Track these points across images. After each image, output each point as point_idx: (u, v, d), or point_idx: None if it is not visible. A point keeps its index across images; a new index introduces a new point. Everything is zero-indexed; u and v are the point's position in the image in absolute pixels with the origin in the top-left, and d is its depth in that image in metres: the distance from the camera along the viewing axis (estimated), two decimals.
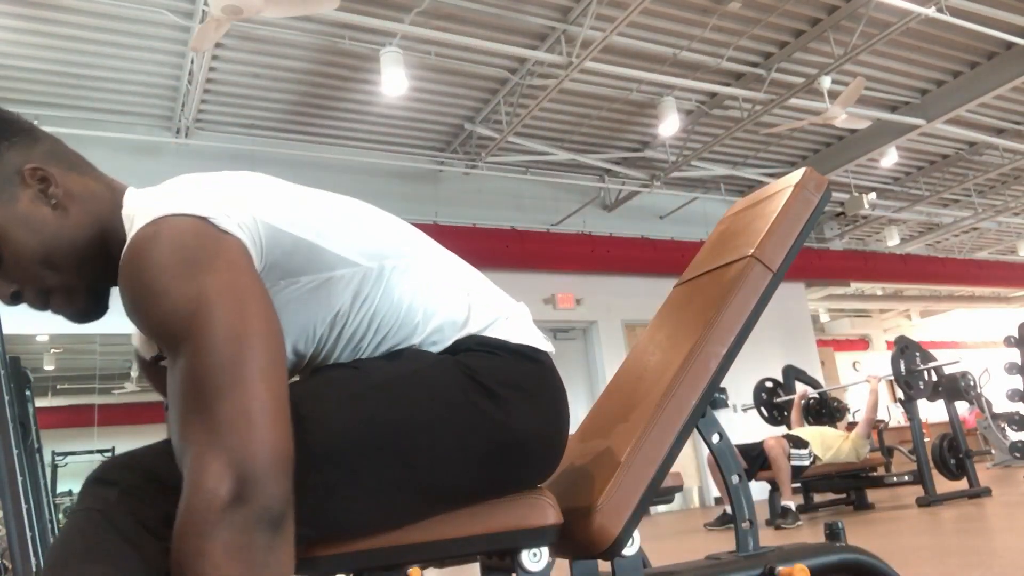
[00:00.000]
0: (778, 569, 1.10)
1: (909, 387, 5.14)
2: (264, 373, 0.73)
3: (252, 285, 0.78)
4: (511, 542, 0.95)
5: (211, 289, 0.74)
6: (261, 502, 0.69)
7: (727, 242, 1.40)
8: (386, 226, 0.98)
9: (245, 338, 0.73)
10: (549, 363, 1.02)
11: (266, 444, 0.70)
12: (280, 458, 0.71)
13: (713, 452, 1.21)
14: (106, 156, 6.81)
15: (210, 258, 0.76)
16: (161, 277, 0.74)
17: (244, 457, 0.69)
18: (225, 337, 0.73)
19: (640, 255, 8.93)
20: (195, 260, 0.76)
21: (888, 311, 16.09)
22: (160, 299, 0.74)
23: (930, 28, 6.78)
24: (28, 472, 2.42)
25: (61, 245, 0.89)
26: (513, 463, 0.94)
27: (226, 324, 0.73)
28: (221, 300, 0.74)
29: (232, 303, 0.75)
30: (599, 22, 5.95)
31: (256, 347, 0.74)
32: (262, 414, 0.71)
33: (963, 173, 10.28)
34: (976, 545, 2.85)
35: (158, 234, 0.77)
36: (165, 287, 0.74)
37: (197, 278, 0.75)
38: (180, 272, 0.75)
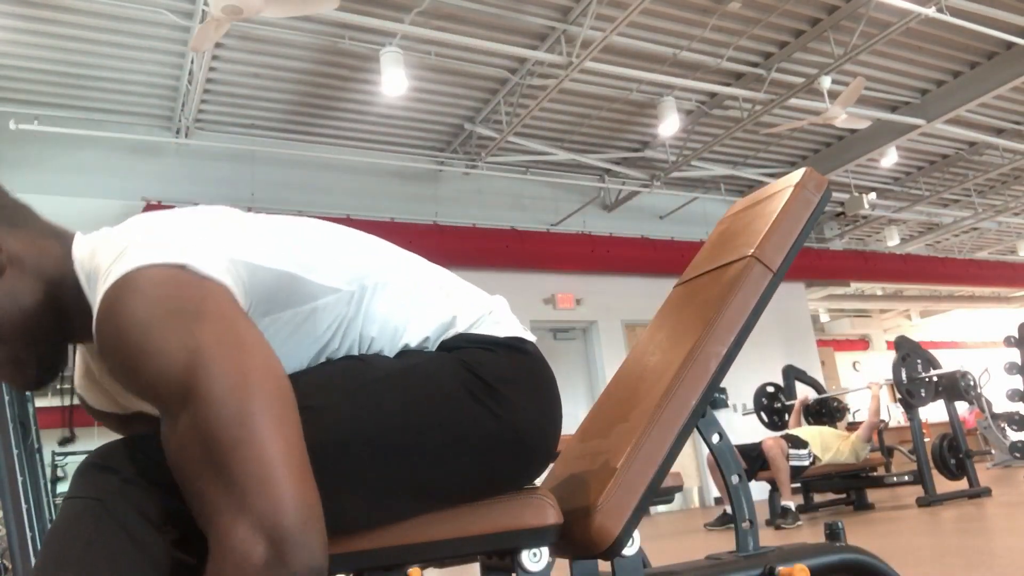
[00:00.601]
0: (778, 569, 1.10)
1: (911, 395, 5.13)
2: (277, 422, 0.69)
3: (247, 331, 0.73)
4: (511, 542, 0.95)
5: (205, 341, 0.69)
6: (301, 561, 0.65)
7: (727, 242, 1.40)
8: (362, 247, 0.97)
9: (250, 388, 0.69)
10: (537, 353, 1.02)
11: (294, 499, 0.66)
12: (310, 511, 0.67)
13: (713, 452, 1.21)
14: (106, 156, 6.82)
15: (197, 308, 0.71)
16: (148, 336, 0.69)
17: (273, 517, 0.64)
18: (229, 390, 0.68)
19: (640, 255, 8.93)
20: (181, 312, 0.70)
21: (888, 311, 16.09)
22: (151, 359, 0.69)
23: (930, 28, 6.78)
24: (28, 472, 2.42)
25: (6, 314, 0.82)
26: (512, 456, 0.94)
27: (228, 376, 0.68)
28: (218, 351, 0.69)
29: (230, 353, 0.70)
30: (599, 22, 5.95)
31: (264, 397, 0.69)
32: (284, 467, 0.67)
33: (963, 173, 10.28)
34: (976, 545, 2.85)
35: (135, 289, 0.71)
36: (155, 346, 0.69)
37: (187, 331, 0.69)
38: (168, 327, 0.69)
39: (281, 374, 0.73)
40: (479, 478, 0.93)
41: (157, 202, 6.70)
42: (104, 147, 6.79)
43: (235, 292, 0.77)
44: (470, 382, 0.91)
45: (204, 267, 0.74)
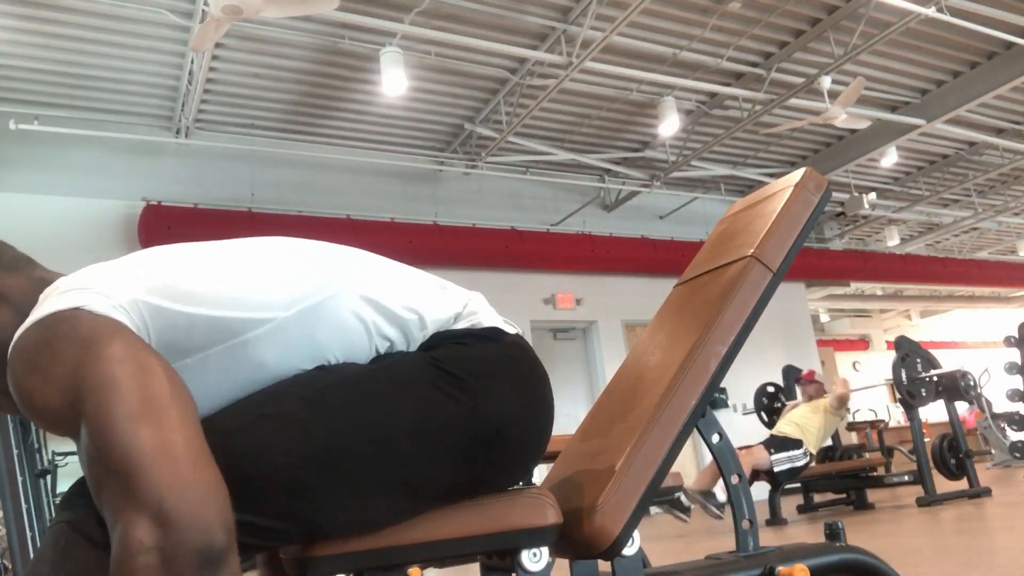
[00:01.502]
0: (778, 569, 1.10)
1: (911, 395, 5.13)
2: (155, 418, 0.72)
3: (131, 345, 0.78)
4: (511, 542, 0.95)
5: (83, 363, 0.75)
6: (191, 539, 0.66)
7: (727, 242, 1.40)
8: (305, 265, 0.94)
9: (133, 392, 0.73)
10: (519, 342, 1.01)
11: (179, 481, 0.68)
12: (204, 490, 0.69)
13: (713, 452, 1.21)
14: (106, 156, 6.82)
15: (84, 341, 0.77)
16: (33, 375, 0.76)
17: (158, 502, 0.67)
18: (107, 401, 0.72)
19: (640, 255, 8.93)
20: (66, 345, 0.77)
21: (888, 311, 16.10)
22: (40, 395, 0.76)
23: (930, 28, 6.78)
24: (28, 472, 2.42)
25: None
26: (493, 449, 0.93)
27: (105, 389, 0.73)
28: (95, 369, 0.74)
29: (105, 368, 0.74)
30: (599, 22, 5.95)
31: (148, 405, 0.73)
32: (164, 455, 0.70)
33: (963, 173, 10.28)
34: (976, 545, 2.85)
35: (24, 338, 0.79)
36: (41, 379, 0.76)
37: (71, 360, 0.75)
38: (51, 362, 0.76)
39: (169, 374, 0.78)
40: (462, 473, 0.92)
41: (157, 202, 6.70)
42: (104, 147, 6.79)
43: (127, 326, 0.81)
44: (437, 377, 0.90)
45: (98, 307, 0.80)
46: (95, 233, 6.59)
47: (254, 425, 0.83)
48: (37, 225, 6.41)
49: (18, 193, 6.44)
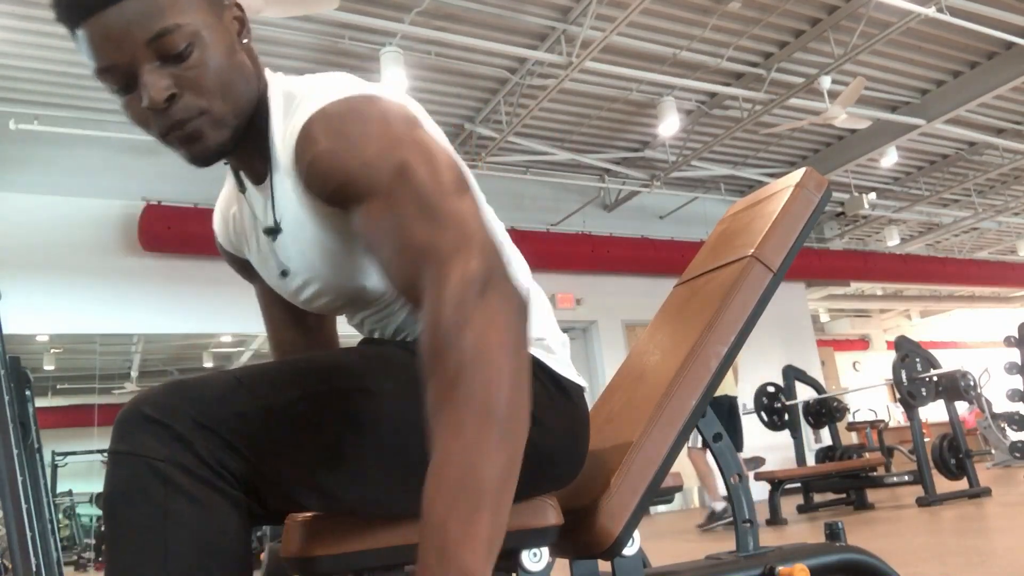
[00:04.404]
0: (778, 569, 1.10)
1: (911, 395, 5.13)
2: (474, 198, 0.79)
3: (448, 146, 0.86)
4: (511, 542, 0.95)
5: (422, 139, 0.81)
6: (511, 286, 0.71)
7: (727, 242, 1.40)
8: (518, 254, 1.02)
9: (453, 177, 0.79)
10: (582, 400, 1.03)
11: (496, 242, 0.74)
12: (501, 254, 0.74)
13: (713, 452, 1.22)
14: (106, 156, 6.82)
15: (416, 122, 0.84)
16: (373, 125, 0.80)
17: (490, 248, 0.72)
18: (447, 161, 0.80)
19: (640, 255, 8.93)
20: (404, 119, 0.83)
21: (888, 311, 16.09)
22: (374, 141, 0.79)
23: (930, 28, 6.78)
24: (28, 472, 2.42)
25: (240, 81, 0.87)
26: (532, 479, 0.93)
27: (437, 166, 0.78)
28: (429, 150, 0.80)
29: (439, 153, 0.81)
30: (599, 22, 5.95)
31: (463, 182, 0.79)
32: (485, 223, 0.75)
33: (963, 173, 10.28)
34: (976, 545, 2.85)
35: (372, 96, 0.84)
36: (379, 132, 0.80)
37: (409, 130, 0.81)
38: (392, 123, 0.81)
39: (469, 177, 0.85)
40: None
41: (157, 202, 6.70)
42: (104, 147, 6.79)
43: None
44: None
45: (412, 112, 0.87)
46: (95, 233, 6.59)
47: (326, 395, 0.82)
48: (37, 225, 6.41)
49: (18, 193, 6.44)
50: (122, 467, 0.74)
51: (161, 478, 0.72)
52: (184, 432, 0.74)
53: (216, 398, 0.76)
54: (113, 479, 0.74)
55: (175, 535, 0.71)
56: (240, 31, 0.90)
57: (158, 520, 0.71)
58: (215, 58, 0.83)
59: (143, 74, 0.80)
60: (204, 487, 0.73)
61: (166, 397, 0.76)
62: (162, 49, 0.79)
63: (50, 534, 2.70)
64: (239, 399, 0.77)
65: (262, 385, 0.79)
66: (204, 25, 0.82)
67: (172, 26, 0.79)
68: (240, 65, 0.88)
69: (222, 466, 0.74)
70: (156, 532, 0.71)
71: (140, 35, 0.78)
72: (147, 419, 0.75)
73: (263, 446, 0.77)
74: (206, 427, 0.75)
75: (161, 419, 0.74)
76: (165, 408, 0.75)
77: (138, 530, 0.71)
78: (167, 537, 0.71)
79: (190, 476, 0.73)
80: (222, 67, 0.84)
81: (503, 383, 0.65)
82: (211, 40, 0.83)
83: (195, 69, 0.82)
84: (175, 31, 0.79)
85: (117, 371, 11.57)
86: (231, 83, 0.86)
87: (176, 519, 0.71)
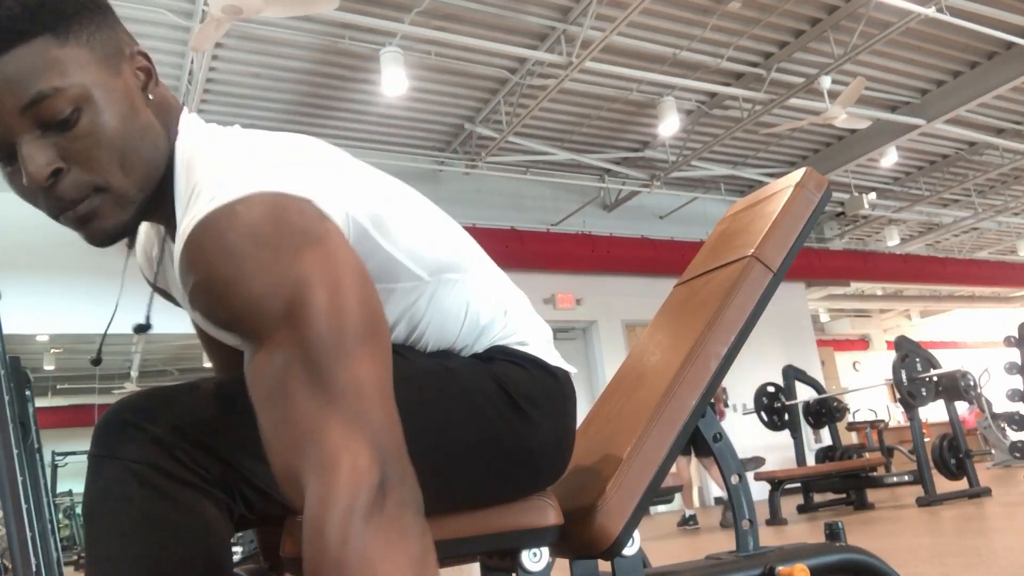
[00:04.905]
0: (778, 569, 1.10)
1: (911, 395, 5.13)
2: (381, 355, 0.66)
3: (362, 270, 0.69)
4: (511, 542, 0.95)
5: (321, 266, 0.65)
6: (410, 483, 0.61)
7: (727, 242, 1.40)
8: (448, 235, 0.93)
9: (363, 317, 0.65)
10: (570, 383, 1.01)
11: (397, 424, 0.63)
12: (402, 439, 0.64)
13: (713, 452, 1.21)
14: None
15: (317, 239, 0.67)
16: (262, 253, 0.64)
17: (388, 434, 0.61)
18: (341, 314, 0.64)
19: (640, 255, 8.93)
20: (302, 238, 0.66)
21: (888, 311, 16.09)
22: (259, 275, 0.64)
23: (930, 28, 6.78)
24: (28, 472, 2.42)
25: (143, 148, 0.74)
26: (523, 473, 0.94)
27: (341, 302, 0.65)
28: (332, 278, 0.65)
29: (345, 283, 0.66)
30: (599, 22, 5.95)
31: (372, 330, 0.66)
32: (386, 393, 0.64)
33: (963, 173, 10.28)
34: (976, 545, 2.85)
35: (252, 208, 0.66)
36: (267, 262, 0.64)
37: (306, 256, 0.65)
38: (285, 248, 0.65)
39: (383, 317, 0.70)
40: (487, 488, 0.92)
41: None
42: None
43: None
44: (497, 396, 0.90)
45: (328, 208, 0.70)
46: None
47: None
48: (37, 225, 6.39)
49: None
50: (101, 471, 0.73)
51: (138, 480, 0.72)
52: (162, 435, 0.74)
53: (194, 402, 0.76)
54: (92, 483, 0.73)
55: (153, 535, 0.70)
56: (146, 84, 0.77)
57: (136, 521, 0.71)
58: (109, 124, 0.71)
59: (21, 146, 0.69)
60: (182, 488, 0.73)
61: (144, 402, 0.76)
62: (42, 116, 0.68)
63: (50, 534, 2.70)
64: (217, 403, 0.77)
65: (240, 390, 0.77)
66: (95, 84, 0.71)
67: (50, 90, 0.68)
68: (144, 128, 0.75)
69: (201, 467, 0.74)
70: (134, 532, 0.71)
71: (12, 102, 0.67)
72: (125, 423, 0.74)
73: (241, 449, 0.76)
74: (184, 430, 0.74)
75: (139, 423, 0.74)
76: (143, 412, 0.75)
77: (116, 531, 0.71)
78: (144, 537, 0.70)
79: (168, 477, 0.72)
80: (118, 134, 0.72)
81: None
82: (104, 102, 0.71)
83: (84, 139, 0.70)
84: (55, 95, 0.68)
85: (117, 371, 11.58)
86: (131, 151, 0.73)
87: (154, 520, 0.71)
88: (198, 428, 0.75)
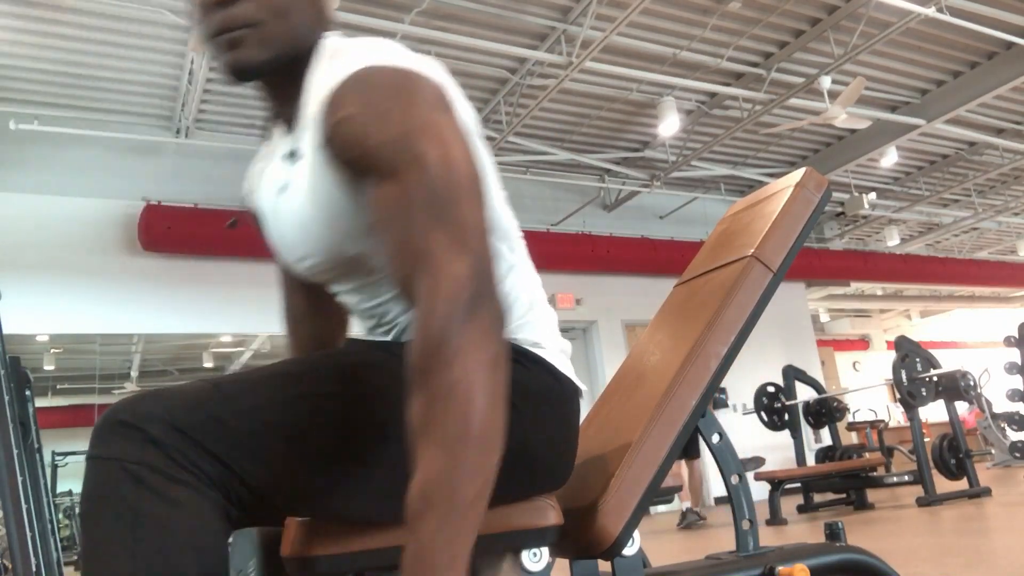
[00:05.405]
0: (778, 569, 1.10)
1: (911, 395, 5.12)
2: (484, 205, 0.78)
3: (475, 141, 0.84)
4: (511, 542, 0.95)
5: (448, 128, 0.79)
6: (496, 303, 0.73)
7: (727, 242, 1.40)
8: (506, 207, 1.00)
9: (473, 176, 0.78)
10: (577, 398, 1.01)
11: (492, 257, 0.75)
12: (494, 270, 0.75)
13: (713, 452, 1.21)
14: (106, 156, 6.82)
15: (445, 108, 0.82)
16: (405, 102, 0.79)
17: (486, 260, 0.73)
18: (462, 162, 0.77)
19: (640, 255, 8.93)
20: (436, 103, 0.81)
21: (888, 311, 16.09)
22: (400, 118, 0.77)
23: (930, 28, 6.78)
24: (28, 472, 2.42)
25: (301, 13, 0.89)
26: (524, 477, 0.93)
27: (459, 159, 0.77)
28: (455, 139, 0.79)
29: (464, 145, 0.79)
30: (599, 22, 5.95)
31: (479, 185, 0.78)
32: (487, 233, 0.76)
33: (963, 173, 10.28)
34: (976, 545, 2.85)
35: (412, 72, 0.81)
36: (408, 111, 0.78)
37: (438, 117, 0.79)
38: (422, 105, 0.79)
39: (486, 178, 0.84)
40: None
41: (157, 202, 6.70)
42: (104, 147, 6.79)
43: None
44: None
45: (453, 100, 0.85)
46: (95, 233, 6.59)
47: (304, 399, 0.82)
48: (37, 225, 6.41)
49: (18, 193, 6.44)
50: (96, 471, 0.74)
51: (134, 480, 0.72)
52: (158, 436, 0.74)
53: (191, 403, 0.77)
54: (88, 483, 0.74)
55: (147, 535, 0.71)
56: None
57: (130, 520, 0.71)
58: None
59: None
60: (178, 487, 0.73)
61: (141, 403, 0.77)
62: None
63: (50, 534, 2.70)
64: (214, 404, 0.78)
65: (237, 391, 0.80)
66: None
67: None
68: (310, 3, 0.91)
69: (197, 468, 0.74)
70: (128, 532, 0.71)
71: None
72: (122, 424, 0.75)
73: (237, 450, 0.77)
74: (180, 430, 0.75)
75: (135, 423, 0.75)
76: (139, 413, 0.76)
77: (111, 531, 0.72)
78: (139, 537, 0.71)
79: (163, 477, 0.73)
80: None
81: (484, 405, 0.69)
82: None
83: None
84: None
85: (117, 371, 11.57)
86: (292, 10, 0.88)
87: (148, 519, 0.71)
88: (195, 429, 0.75)
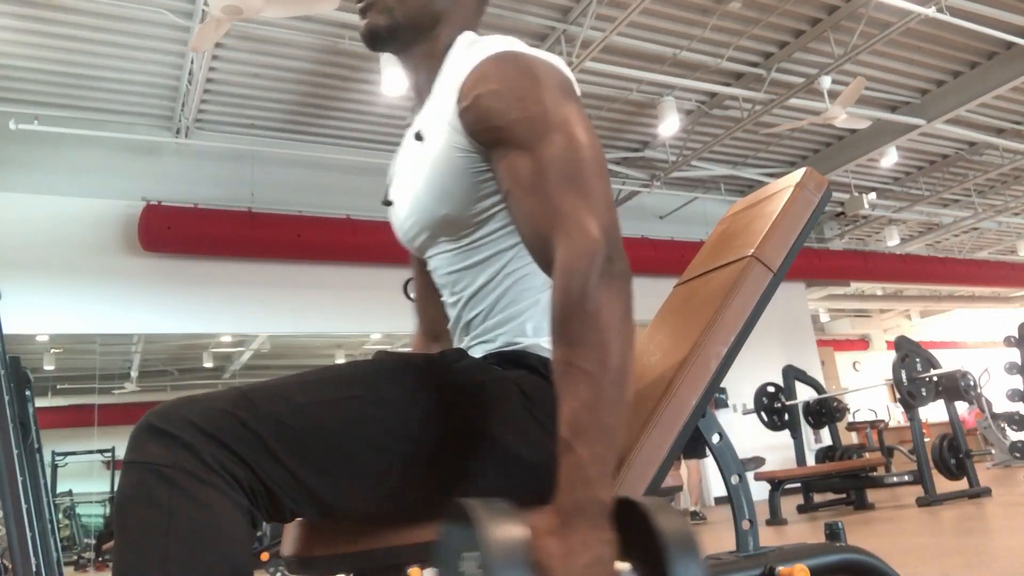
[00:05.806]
0: (778, 569, 1.10)
1: (911, 395, 5.13)
2: (608, 181, 0.86)
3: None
4: None
5: (578, 113, 0.88)
6: (625, 263, 0.81)
7: (727, 242, 1.40)
8: None
9: (599, 158, 0.86)
10: None
11: (619, 225, 0.83)
12: (620, 235, 0.83)
13: (713, 452, 1.21)
14: (106, 156, 6.82)
15: (575, 97, 0.91)
16: (544, 83, 0.88)
17: (615, 228, 0.81)
18: (591, 140, 0.86)
19: (640, 255, 8.91)
20: (568, 90, 0.91)
21: (888, 311, 16.09)
22: (540, 96, 0.87)
23: (930, 28, 6.78)
24: (28, 472, 2.42)
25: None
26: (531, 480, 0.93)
27: (587, 142, 0.86)
28: (585, 124, 0.88)
29: (591, 131, 0.88)
30: (599, 22, 5.95)
31: (604, 165, 0.87)
32: (614, 206, 0.84)
33: (963, 173, 10.28)
34: (976, 545, 2.85)
35: (546, 62, 0.92)
36: (547, 91, 0.88)
37: (571, 102, 0.89)
38: (557, 89, 0.89)
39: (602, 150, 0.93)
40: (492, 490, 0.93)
41: (157, 202, 6.70)
42: (104, 147, 6.79)
43: None
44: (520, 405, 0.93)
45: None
46: (95, 233, 6.59)
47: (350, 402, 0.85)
48: (37, 225, 6.41)
49: (18, 193, 6.44)
50: (131, 475, 0.77)
51: (167, 482, 0.75)
52: (190, 440, 0.77)
53: (221, 409, 0.80)
54: (123, 486, 0.78)
55: (179, 535, 0.74)
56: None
57: (163, 521, 0.74)
58: None
59: None
60: (209, 490, 0.76)
61: (174, 410, 0.80)
62: None
63: (50, 534, 2.70)
64: (242, 410, 0.81)
65: (265, 396, 0.83)
66: None
67: None
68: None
69: (227, 471, 0.77)
70: (160, 533, 0.74)
71: None
72: (155, 430, 0.79)
73: (263, 454, 0.80)
74: (211, 435, 0.78)
75: (169, 430, 0.78)
76: (172, 419, 0.79)
77: (143, 531, 0.74)
78: (171, 537, 0.73)
79: (195, 480, 0.76)
80: None
81: (622, 346, 0.76)
82: None
83: None
84: None
85: (117, 371, 11.57)
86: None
87: (181, 520, 0.74)
88: (225, 434, 0.79)
